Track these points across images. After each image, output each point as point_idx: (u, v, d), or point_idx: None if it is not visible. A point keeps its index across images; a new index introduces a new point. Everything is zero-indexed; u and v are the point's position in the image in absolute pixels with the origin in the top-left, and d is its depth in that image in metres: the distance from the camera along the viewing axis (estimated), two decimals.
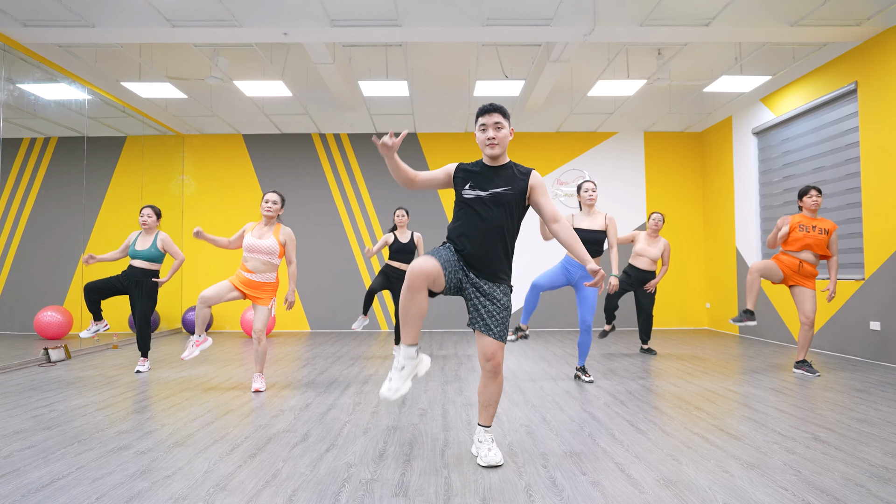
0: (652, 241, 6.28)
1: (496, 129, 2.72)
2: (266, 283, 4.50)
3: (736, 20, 5.52)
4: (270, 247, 4.47)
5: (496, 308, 2.69)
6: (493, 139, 2.71)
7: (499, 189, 2.71)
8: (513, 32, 5.66)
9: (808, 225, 4.97)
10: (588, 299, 4.60)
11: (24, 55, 6.08)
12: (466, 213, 2.72)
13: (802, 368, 5.04)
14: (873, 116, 5.85)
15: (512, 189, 2.73)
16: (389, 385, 2.63)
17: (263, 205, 4.50)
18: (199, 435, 3.24)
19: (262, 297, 4.49)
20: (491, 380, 2.73)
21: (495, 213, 2.69)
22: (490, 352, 2.67)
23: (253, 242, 4.45)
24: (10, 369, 5.53)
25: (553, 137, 9.52)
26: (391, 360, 6.01)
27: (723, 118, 8.78)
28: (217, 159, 9.52)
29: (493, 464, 2.70)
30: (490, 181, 2.73)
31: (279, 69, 6.75)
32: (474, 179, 2.74)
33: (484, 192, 2.71)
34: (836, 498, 2.31)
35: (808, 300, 4.92)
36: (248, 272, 4.45)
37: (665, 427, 3.37)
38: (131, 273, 5.34)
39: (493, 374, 2.71)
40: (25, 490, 2.42)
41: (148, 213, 5.40)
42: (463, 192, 2.74)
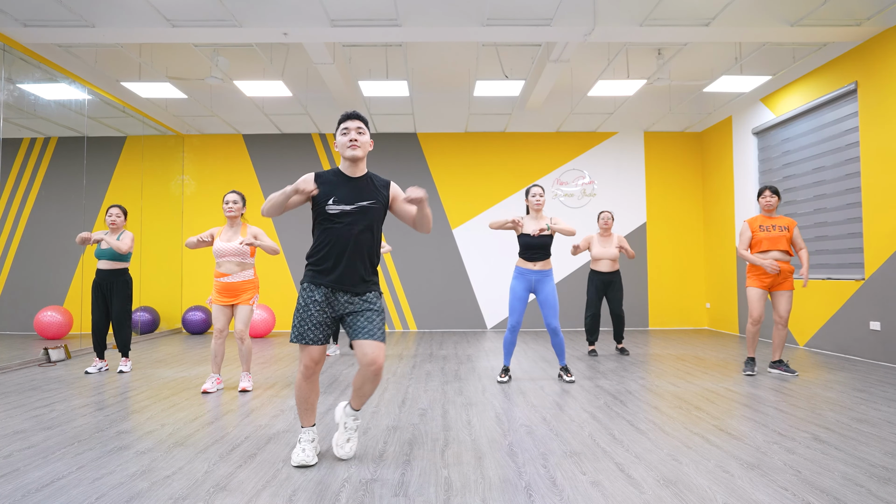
0: (605, 240, 6.27)
1: (359, 133, 2.71)
2: (245, 281, 4.50)
3: (736, 20, 5.52)
4: (240, 248, 4.46)
5: (373, 314, 2.70)
6: (356, 141, 2.69)
7: (365, 202, 2.70)
8: (513, 32, 5.66)
9: (768, 225, 5.02)
10: (549, 302, 4.68)
11: (24, 55, 6.08)
12: (331, 231, 2.67)
13: (779, 368, 5.07)
14: (873, 116, 5.85)
15: (377, 202, 2.73)
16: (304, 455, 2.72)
17: (224, 206, 4.50)
18: (199, 435, 3.24)
19: (243, 298, 4.49)
20: (372, 381, 2.72)
21: (361, 227, 2.67)
22: (375, 355, 2.65)
23: (222, 247, 4.43)
24: (10, 369, 5.53)
25: (553, 137, 9.52)
26: (391, 360, 6.00)
27: (723, 118, 8.78)
28: (217, 159, 9.52)
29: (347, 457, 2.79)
30: (354, 193, 2.70)
31: (279, 69, 6.75)
32: (337, 192, 2.69)
33: (349, 205, 2.67)
34: (836, 498, 2.31)
35: (784, 301, 4.96)
36: (223, 276, 4.45)
37: (665, 427, 3.37)
38: (101, 277, 5.31)
39: (376, 375, 2.70)
40: (25, 490, 2.42)
41: (116, 212, 5.38)
42: (327, 206, 2.66)
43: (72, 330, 8.34)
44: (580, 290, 9.22)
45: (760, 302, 5.00)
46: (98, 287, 5.32)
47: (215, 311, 4.49)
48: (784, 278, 4.95)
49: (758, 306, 5.00)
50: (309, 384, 2.74)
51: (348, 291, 2.69)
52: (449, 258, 9.35)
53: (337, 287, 2.68)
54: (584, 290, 9.19)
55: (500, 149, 9.49)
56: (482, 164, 9.49)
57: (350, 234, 2.66)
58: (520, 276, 4.77)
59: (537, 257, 4.72)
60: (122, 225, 5.40)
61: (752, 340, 5.11)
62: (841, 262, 6.39)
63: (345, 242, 2.66)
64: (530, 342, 7.59)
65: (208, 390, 4.45)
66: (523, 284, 4.75)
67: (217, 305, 4.49)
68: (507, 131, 9.49)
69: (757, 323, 5.04)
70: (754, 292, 5.02)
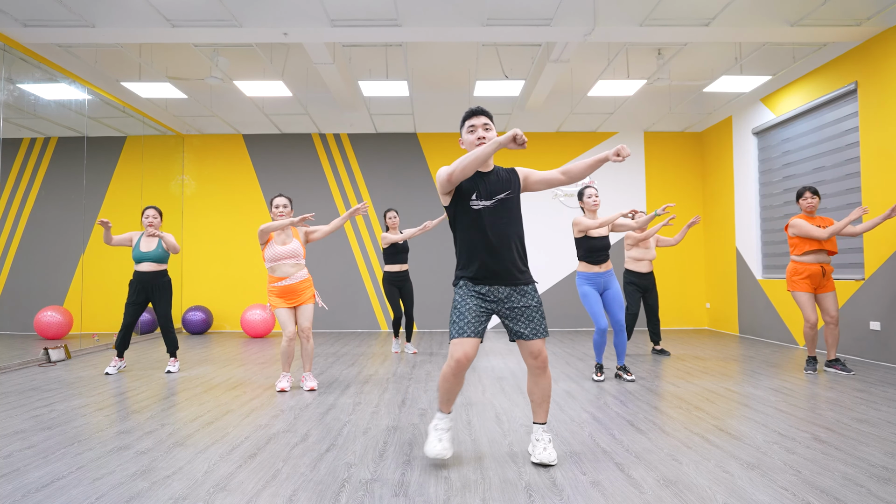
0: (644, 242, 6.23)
1: (486, 130, 2.73)
2: (303, 280, 4.53)
3: (736, 20, 5.52)
4: (295, 250, 4.51)
5: (528, 309, 2.70)
6: (483, 138, 2.71)
7: (502, 194, 2.72)
8: (513, 32, 5.66)
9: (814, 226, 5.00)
10: (616, 298, 4.71)
11: (24, 55, 6.08)
12: (475, 227, 2.69)
13: (835, 367, 5.08)
14: (873, 116, 5.84)
15: (512, 192, 2.74)
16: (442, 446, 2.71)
17: (274, 210, 4.54)
18: (199, 435, 3.24)
19: (304, 297, 4.53)
20: (541, 376, 2.75)
21: (505, 220, 2.69)
22: (536, 349, 2.70)
23: (278, 251, 4.46)
24: (10, 369, 5.53)
25: (553, 137, 9.53)
26: (391, 360, 6.01)
27: (723, 118, 8.78)
28: (217, 159, 9.52)
29: (547, 462, 2.70)
30: (491, 188, 2.72)
31: (279, 69, 6.75)
32: (478, 188, 2.71)
33: (489, 200, 2.70)
34: (836, 498, 2.31)
35: (830, 301, 4.99)
36: (280, 280, 4.46)
37: (665, 427, 3.37)
38: (142, 279, 5.31)
39: (541, 371, 2.73)
40: (25, 490, 2.42)
41: (153, 214, 5.38)
42: (471, 202, 2.70)
43: (72, 330, 8.34)
44: None
45: (812, 306, 5.01)
46: (142, 288, 5.31)
47: (282, 316, 4.46)
48: (827, 279, 4.99)
49: (811, 311, 5.00)
50: (458, 380, 2.71)
51: (503, 284, 2.70)
52: (449, 258, 9.34)
53: (492, 281, 2.70)
54: None
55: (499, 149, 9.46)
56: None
57: (494, 229, 2.67)
58: (588, 280, 4.76)
59: (602, 259, 4.74)
60: (159, 226, 5.40)
61: (811, 343, 5.10)
62: (841, 262, 6.39)
63: (490, 238, 2.67)
64: None
65: (285, 389, 4.47)
66: (595, 288, 4.76)
67: (282, 310, 4.48)
68: (507, 131, 9.48)
69: (814, 326, 5.03)
70: (804, 297, 5.02)
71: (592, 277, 4.76)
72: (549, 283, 9.30)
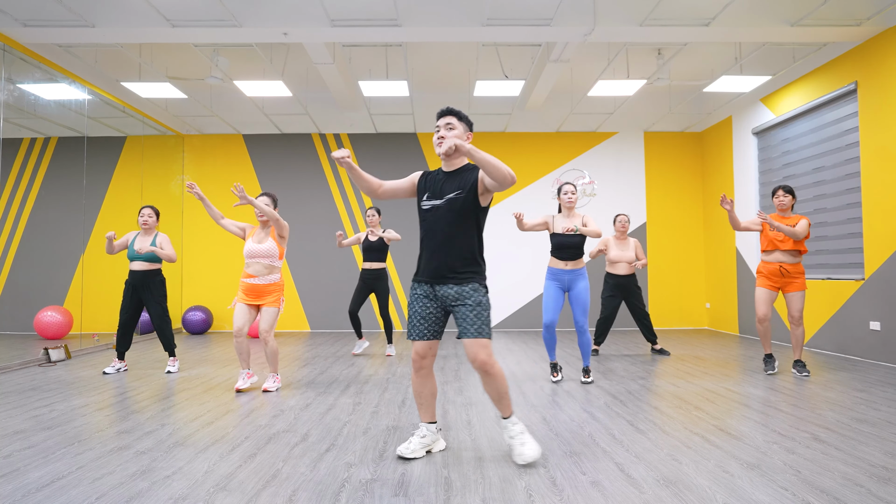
0: (622, 244, 6.24)
1: (447, 129, 2.75)
2: (270, 284, 4.51)
3: (736, 20, 5.52)
4: (270, 249, 4.49)
5: (468, 308, 2.68)
6: (443, 138, 2.73)
7: (451, 194, 2.73)
8: (513, 32, 5.65)
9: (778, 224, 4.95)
10: (580, 300, 4.64)
11: (24, 55, 6.08)
12: (425, 226, 2.78)
13: (796, 368, 5.08)
14: (873, 116, 5.84)
15: (462, 192, 2.71)
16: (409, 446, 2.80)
17: (256, 210, 4.53)
18: (199, 435, 3.24)
19: (268, 299, 4.51)
20: (483, 379, 2.72)
21: (450, 220, 2.71)
22: (472, 352, 2.65)
23: (253, 248, 4.47)
24: (10, 369, 5.53)
25: (553, 137, 9.52)
26: (391, 360, 6.01)
27: (723, 118, 8.78)
28: (217, 159, 9.52)
29: (531, 459, 2.67)
30: (445, 187, 2.75)
31: (279, 69, 6.75)
32: (431, 188, 2.77)
33: (439, 199, 2.74)
34: (836, 498, 2.31)
35: (795, 301, 4.95)
36: (250, 277, 4.47)
37: (665, 427, 3.37)
38: (134, 279, 5.31)
39: (484, 373, 2.69)
40: (25, 490, 2.42)
41: (148, 213, 5.39)
42: (421, 202, 2.77)
43: (72, 330, 8.34)
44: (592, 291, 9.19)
45: (766, 302, 5.01)
46: (133, 289, 5.31)
47: (237, 311, 4.47)
48: (794, 278, 4.96)
49: (763, 306, 5.01)
50: (420, 378, 2.80)
51: (445, 283, 2.72)
52: None
53: (435, 280, 2.73)
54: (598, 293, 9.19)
55: (500, 149, 9.49)
56: None
57: (440, 228, 2.71)
58: (552, 276, 4.74)
59: (569, 256, 4.68)
60: (154, 226, 5.39)
61: (763, 338, 5.12)
62: (841, 262, 6.39)
63: (436, 237, 2.72)
64: (531, 342, 7.59)
65: (241, 388, 4.45)
66: (557, 284, 4.72)
67: (240, 304, 4.48)
68: (507, 131, 9.49)
69: (763, 321, 5.05)
70: (761, 292, 5.03)
71: (557, 274, 4.71)
72: None
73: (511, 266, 9.32)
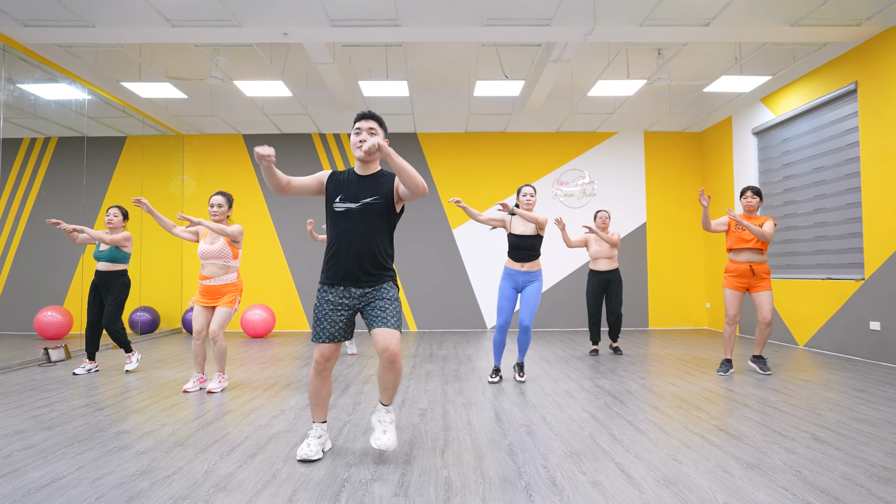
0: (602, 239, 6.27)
1: (369, 133, 2.75)
2: (226, 284, 4.51)
3: (736, 20, 5.52)
4: (222, 250, 4.47)
5: (386, 303, 2.73)
6: (364, 141, 2.71)
7: (368, 199, 2.73)
8: (513, 32, 5.66)
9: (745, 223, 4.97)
10: (528, 301, 4.68)
11: (24, 55, 6.08)
12: (338, 229, 2.74)
13: (757, 364, 5.11)
14: (873, 116, 5.84)
15: (380, 197, 2.74)
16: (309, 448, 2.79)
17: (209, 209, 4.52)
18: (199, 435, 3.24)
19: (223, 300, 4.50)
20: (389, 369, 2.73)
21: (366, 224, 2.72)
22: (386, 342, 2.66)
23: (205, 249, 4.46)
24: (10, 369, 5.53)
25: (553, 137, 9.52)
26: None
27: (723, 118, 8.78)
28: (217, 159, 9.52)
29: (386, 447, 2.71)
30: (360, 191, 2.74)
31: (279, 69, 6.75)
32: (345, 191, 2.75)
33: (354, 203, 2.73)
34: (836, 498, 2.31)
35: (765, 302, 4.95)
36: (205, 279, 4.48)
37: (665, 427, 3.37)
38: (98, 279, 5.28)
39: (391, 363, 2.70)
40: (25, 490, 2.42)
41: (114, 212, 5.33)
42: (333, 204, 2.75)
43: (72, 330, 8.33)
44: (579, 289, 9.21)
45: (734, 302, 5.03)
46: (95, 288, 5.31)
47: (195, 313, 4.51)
48: (760, 279, 4.96)
49: (732, 306, 5.03)
50: (320, 379, 2.82)
51: (360, 286, 2.74)
52: (449, 258, 9.35)
53: (348, 283, 2.73)
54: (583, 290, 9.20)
55: (500, 149, 9.49)
56: (482, 165, 9.49)
57: (356, 233, 2.71)
58: (507, 276, 4.77)
59: (524, 258, 4.71)
60: (119, 225, 5.35)
61: (729, 341, 5.12)
62: (841, 262, 6.39)
63: (352, 241, 2.71)
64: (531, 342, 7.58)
65: (189, 390, 4.46)
66: (510, 284, 4.75)
67: (198, 307, 4.51)
68: (507, 131, 9.50)
69: (732, 323, 5.07)
70: (728, 293, 5.05)
71: (511, 274, 4.74)
72: (547, 283, 9.29)
73: None
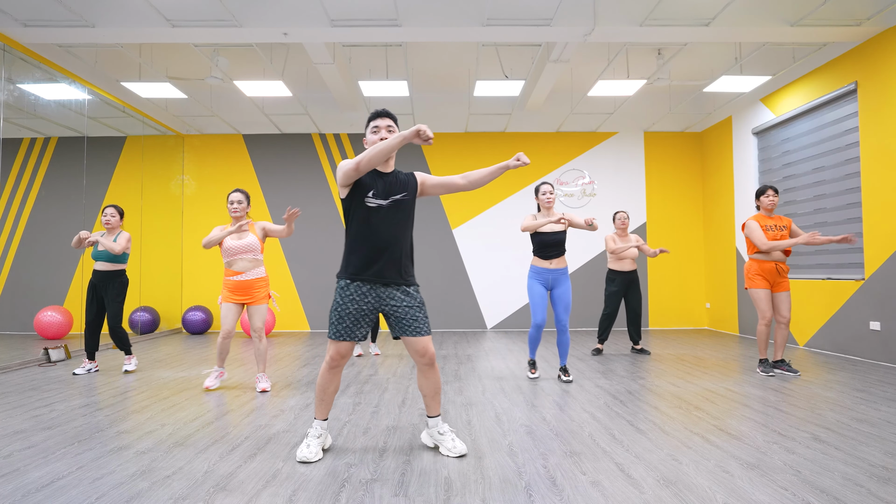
0: (623, 240, 6.28)
1: (388, 131, 2.78)
2: (259, 279, 4.50)
3: (736, 20, 5.52)
4: (251, 244, 4.48)
5: (416, 308, 2.78)
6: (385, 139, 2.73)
7: (398, 195, 2.77)
8: (513, 32, 5.65)
9: (771, 224, 5.04)
10: (563, 299, 4.68)
11: (24, 55, 6.08)
12: (367, 225, 2.73)
13: (782, 368, 5.07)
14: (873, 116, 5.84)
15: (408, 195, 2.81)
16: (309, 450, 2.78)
17: (229, 206, 4.50)
18: (199, 435, 3.24)
19: (257, 296, 4.49)
20: (429, 372, 2.84)
21: (397, 221, 2.76)
22: (424, 348, 2.78)
23: (235, 245, 4.44)
24: (10, 369, 5.53)
25: (553, 137, 9.52)
26: (391, 361, 6.01)
27: (723, 118, 8.78)
28: (217, 159, 9.52)
29: (462, 453, 2.83)
30: (389, 188, 2.78)
31: (279, 69, 6.75)
32: (375, 186, 2.76)
33: (385, 199, 2.75)
34: (836, 498, 2.31)
35: (785, 301, 4.98)
36: (236, 275, 4.44)
37: (665, 427, 3.37)
38: (96, 279, 5.26)
39: (429, 367, 2.82)
40: (25, 490, 2.42)
41: (111, 212, 5.33)
42: (366, 199, 2.74)
43: (72, 330, 8.34)
44: (588, 286, 9.21)
45: (768, 301, 5.01)
46: (94, 288, 5.29)
47: (225, 311, 4.43)
48: (783, 278, 5.00)
49: (768, 307, 5.00)
50: (332, 375, 2.83)
51: (389, 286, 2.75)
52: (449, 258, 9.35)
53: (377, 281, 2.74)
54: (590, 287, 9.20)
55: (500, 149, 9.49)
56: (482, 165, 9.49)
57: (387, 229, 2.73)
58: (536, 275, 4.74)
59: (553, 255, 4.71)
60: (117, 225, 5.36)
61: (764, 342, 5.09)
62: (841, 262, 6.39)
63: (383, 237, 2.73)
64: None
65: (211, 387, 4.46)
66: (540, 283, 4.73)
67: (228, 304, 4.44)
68: (507, 131, 9.49)
69: (769, 324, 5.04)
70: (761, 293, 5.02)
71: (541, 273, 4.73)
72: None
73: (509, 266, 9.32)
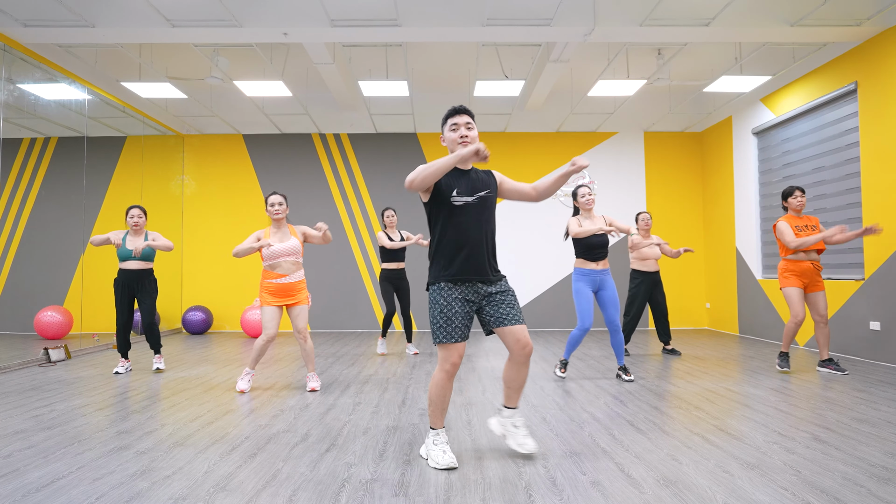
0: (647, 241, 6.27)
1: (468, 129, 2.77)
2: (300, 281, 4.55)
3: (736, 20, 5.52)
4: (295, 246, 4.52)
5: (512, 299, 2.79)
6: (466, 137, 2.74)
7: (482, 192, 2.78)
8: (513, 32, 5.65)
9: (801, 225, 5.07)
10: (613, 299, 4.71)
11: (24, 55, 6.08)
12: (456, 224, 2.72)
13: (829, 367, 5.08)
14: (873, 116, 5.84)
15: (491, 191, 2.82)
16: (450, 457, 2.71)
17: (270, 209, 4.51)
18: (199, 435, 3.24)
19: (300, 298, 4.53)
20: (524, 365, 2.79)
21: (485, 217, 2.76)
22: (524, 338, 2.74)
23: (280, 248, 4.46)
24: (10, 369, 5.53)
25: (553, 137, 9.52)
26: (391, 360, 6.00)
27: (723, 118, 8.77)
28: (217, 159, 9.51)
29: (532, 451, 2.82)
30: (473, 185, 2.78)
31: (279, 69, 6.75)
32: (458, 185, 2.75)
33: (470, 196, 2.75)
34: (836, 498, 2.31)
35: (821, 300, 5.02)
36: (279, 278, 4.44)
37: (665, 427, 3.37)
38: (128, 278, 5.28)
39: (525, 360, 2.77)
40: (25, 490, 2.42)
41: (138, 213, 5.36)
42: (452, 198, 2.74)
43: (72, 330, 8.34)
44: None
45: (801, 300, 5.01)
46: (126, 287, 5.29)
47: (268, 314, 4.41)
48: (818, 277, 5.04)
49: (801, 306, 5.00)
50: (449, 382, 2.76)
51: (486, 282, 2.75)
52: None
53: (476, 278, 2.73)
54: None
55: (500, 149, 9.49)
56: (482, 165, 9.48)
57: (475, 225, 2.73)
58: (584, 276, 4.75)
59: (600, 256, 4.74)
60: (143, 225, 5.41)
61: (789, 338, 5.08)
62: (841, 262, 6.39)
63: (473, 234, 2.72)
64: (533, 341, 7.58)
65: (245, 390, 4.44)
66: (588, 286, 4.74)
67: (271, 308, 4.43)
68: (507, 131, 9.49)
69: (800, 323, 5.02)
70: (795, 292, 5.02)
71: (588, 274, 4.74)
72: (546, 284, 9.29)
73: (510, 266, 9.31)
